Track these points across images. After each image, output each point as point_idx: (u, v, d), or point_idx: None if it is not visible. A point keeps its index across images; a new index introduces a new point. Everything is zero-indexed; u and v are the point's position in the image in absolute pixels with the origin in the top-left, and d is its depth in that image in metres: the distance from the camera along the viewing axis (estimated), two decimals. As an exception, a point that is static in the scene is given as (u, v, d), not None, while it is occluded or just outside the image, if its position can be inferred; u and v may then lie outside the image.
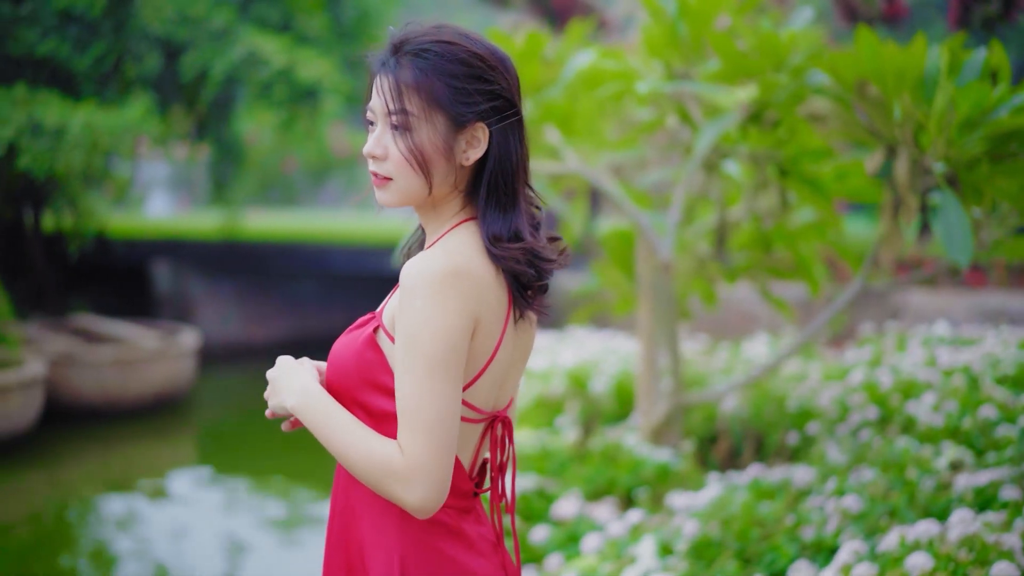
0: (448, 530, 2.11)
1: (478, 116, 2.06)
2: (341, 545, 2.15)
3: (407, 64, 2.05)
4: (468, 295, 2.00)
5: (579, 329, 8.98)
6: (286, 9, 12.97)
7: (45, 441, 9.99)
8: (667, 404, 5.60)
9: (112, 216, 14.97)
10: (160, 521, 8.15)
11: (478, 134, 2.08)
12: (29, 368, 9.72)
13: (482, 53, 2.08)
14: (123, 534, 7.81)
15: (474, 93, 2.05)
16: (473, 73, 2.06)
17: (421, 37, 2.07)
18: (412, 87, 2.04)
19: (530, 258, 2.09)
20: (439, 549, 2.10)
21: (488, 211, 2.09)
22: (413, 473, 1.94)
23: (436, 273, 1.97)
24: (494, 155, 2.09)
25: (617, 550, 4.39)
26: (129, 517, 8.27)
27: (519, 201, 2.12)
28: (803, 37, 4.86)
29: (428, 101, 2.04)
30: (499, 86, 2.09)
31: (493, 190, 2.10)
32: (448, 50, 2.05)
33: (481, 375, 2.08)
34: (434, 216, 2.16)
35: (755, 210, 5.57)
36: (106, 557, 7.30)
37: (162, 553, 7.33)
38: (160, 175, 24.35)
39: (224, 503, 8.68)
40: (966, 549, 3.33)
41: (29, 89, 10.19)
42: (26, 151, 9.67)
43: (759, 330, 9.37)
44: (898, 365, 5.97)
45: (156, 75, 11.80)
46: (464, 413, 2.09)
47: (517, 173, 2.12)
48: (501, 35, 5.50)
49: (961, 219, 3.89)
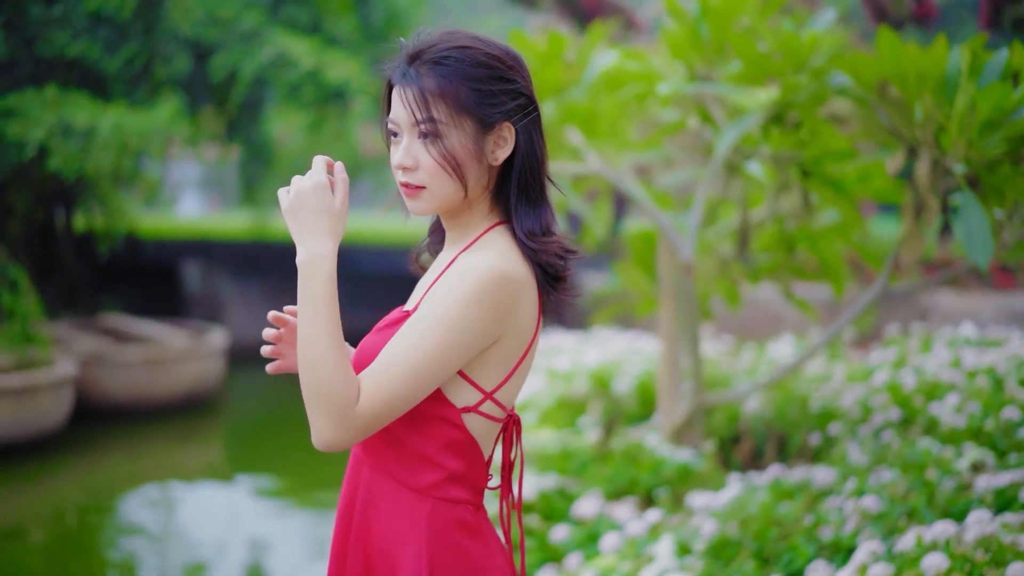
0: (470, 528, 2.15)
1: (504, 116, 2.11)
2: (360, 542, 2.18)
3: (428, 73, 2.07)
4: (506, 303, 2.05)
5: (604, 330, 8.99)
6: (315, 11, 13.03)
7: (75, 440, 10.07)
8: (688, 404, 5.61)
9: (143, 216, 15.09)
10: (186, 521, 8.21)
11: (505, 134, 2.12)
12: (60, 368, 9.81)
13: (499, 54, 2.12)
14: (151, 533, 7.87)
15: (498, 94, 2.10)
16: (495, 75, 2.10)
17: (437, 45, 2.10)
18: (437, 95, 2.07)
19: (561, 251, 2.15)
20: (464, 547, 2.13)
21: (520, 208, 2.14)
22: (357, 422, 1.97)
23: (487, 274, 2.02)
24: (521, 152, 2.14)
25: (636, 549, 4.40)
26: (157, 516, 8.34)
27: (547, 195, 2.18)
28: (825, 38, 4.86)
29: (455, 107, 2.07)
30: (519, 84, 2.14)
31: (524, 187, 2.15)
32: (467, 55, 2.08)
33: (514, 373, 2.14)
34: (463, 220, 2.19)
35: (778, 211, 5.57)
36: (134, 556, 7.36)
37: (187, 552, 7.38)
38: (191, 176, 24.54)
39: (250, 503, 8.72)
40: (982, 550, 3.33)
41: (60, 90, 10.27)
42: (56, 152, 9.74)
43: (785, 331, 9.35)
44: (922, 366, 5.94)
45: (186, 76, 11.87)
46: (493, 412, 2.14)
47: (542, 167, 2.17)
48: (522, 37, 5.52)
49: (981, 220, 3.88)
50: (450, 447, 2.11)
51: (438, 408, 2.09)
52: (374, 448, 2.16)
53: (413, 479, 2.12)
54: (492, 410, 2.13)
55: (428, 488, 2.12)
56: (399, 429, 2.11)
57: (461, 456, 2.13)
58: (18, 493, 8.66)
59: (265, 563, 7.25)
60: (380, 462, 2.15)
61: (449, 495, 2.12)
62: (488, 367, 2.10)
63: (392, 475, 2.14)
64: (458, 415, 2.10)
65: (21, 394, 9.26)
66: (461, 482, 2.14)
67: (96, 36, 10.93)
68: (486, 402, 2.11)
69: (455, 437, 2.11)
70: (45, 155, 10.10)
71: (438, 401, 2.09)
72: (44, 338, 9.89)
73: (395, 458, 2.13)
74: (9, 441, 9.31)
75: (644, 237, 6.57)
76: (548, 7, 15.23)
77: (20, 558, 7.21)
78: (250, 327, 15.67)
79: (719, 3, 4.84)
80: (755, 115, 4.62)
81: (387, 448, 2.14)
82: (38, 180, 11.62)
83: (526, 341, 2.13)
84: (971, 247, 3.85)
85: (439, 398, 2.09)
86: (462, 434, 2.11)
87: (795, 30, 4.60)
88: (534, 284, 2.13)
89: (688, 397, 5.67)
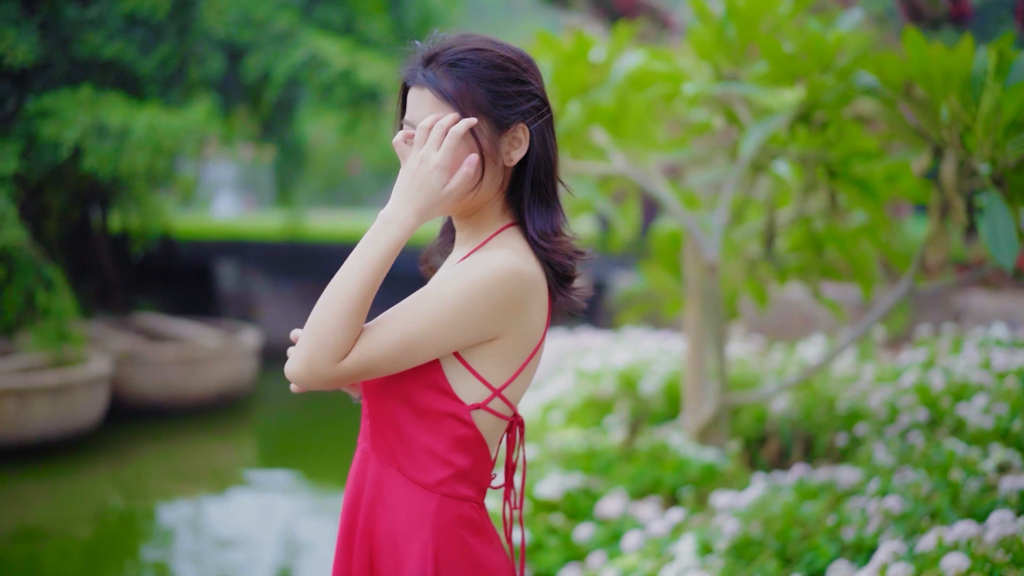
0: (475, 525, 2.18)
1: (519, 117, 2.13)
2: (367, 536, 2.20)
3: (444, 75, 2.11)
4: (514, 301, 2.08)
5: (635, 330, 8.99)
6: (348, 11, 13.08)
7: (109, 438, 10.17)
8: (713, 404, 5.61)
9: (179, 217, 15.18)
10: (219, 518, 8.27)
11: (519, 135, 2.15)
12: (94, 366, 9.91)
13: (513, 57, 2.15)
14: (184, 531, 7.94)
15: (513, 95, 2.13)
16: (510, 76, 2.13)
17: (452, 48, 2.13)
18: (456, 96, 2.10)
19: (571, 251, 2.18)
20: (469, 544, 2.16)
21: (533, 208, 2.18)
22: (334, 371, 2.02)
23: (502, 268, 2.06)
24: (535, 153, 2.17)
25: (658, 548, 4.41)
26: (190, 514, 8.40)
27: (558, 196, 2.22)
28: (851, 38, 4.86)
29: (472, 107, 2.10)
30: (533, 86, 2.17)
31: (537, 188, 2.18)
32: (483, 57, 2.11)
33: (521, 372, 2.16)
34: (476, 221, 2.23)
35: (806, 211, 5.56)
36: (168, 554, 7.42)
37: (221, 551, 7.43)
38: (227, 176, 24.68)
39: (283, 501, 8.78)
40: (1003, 550, 3.32)
41: (95, 91, 10.35)
42: (91, 152, 9.82)
43: (818, 332, 9.32)
44: (951, 367, 5.92)
45: (219, 77, 11.94)
46: (501, 410, 2.17)
47: (555, 169, 2.21)
48: (547, 37, 5.54)
49: (1006, 220, 3.87)
50: (459, 444, 2.14)
51: (448, 404, 2.12)
52: (382, 443, 2.19)
53: (421, 475, 2.14)
54: (500, 407, 2.16)
55: (436, 484, 2.14)
56: (408, 425, 2.14)
57: (468, 453, 2.15)
58: (54, 491, 8.75)
59: (298, 561, 7.29)
60: (388, 457, 2.17)
61: (456, 492, 2.15)
62: (496, 364, 2.12)
63: (400, 470, 2.16)
64: (467, 412, 2.13)
65: (57, 392, 9.37)
66: (467, 479, 2.16)
67: (131, 37, 11.02)
68: (495, 399, 2.14)
69: (464, 434, 2.14)
70: (80, 155, 10.19)
71: (448, 398, 2.11)
72: (78, 337, 9.98)
73: (404, 453, 2.16)
74: (45, 439, 9.42)
75: (670, 237, 6.57)
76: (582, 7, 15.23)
77: (56, 555, 7.29)
78: (283, 327, 15.75)
79: (745, 4, 4.84)
80: (780, 116, 4.62)
81: (396, 443, 2.16)
82: (73, 180, 11.71)
83: (535, 341, 2.15)
84: (995, 247, 3.83)
85: (449, 395, 2.11)
86: (471, 431, 2.14)
87: (821, 30, 4.59)
88: (545, 285, 2.15)
89: (713, 397, 5.67)
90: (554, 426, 6.63)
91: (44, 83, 10.61)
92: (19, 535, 7.60)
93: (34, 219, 11.69)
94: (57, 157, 10.08)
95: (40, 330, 9.71)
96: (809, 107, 4.70)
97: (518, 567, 2.40)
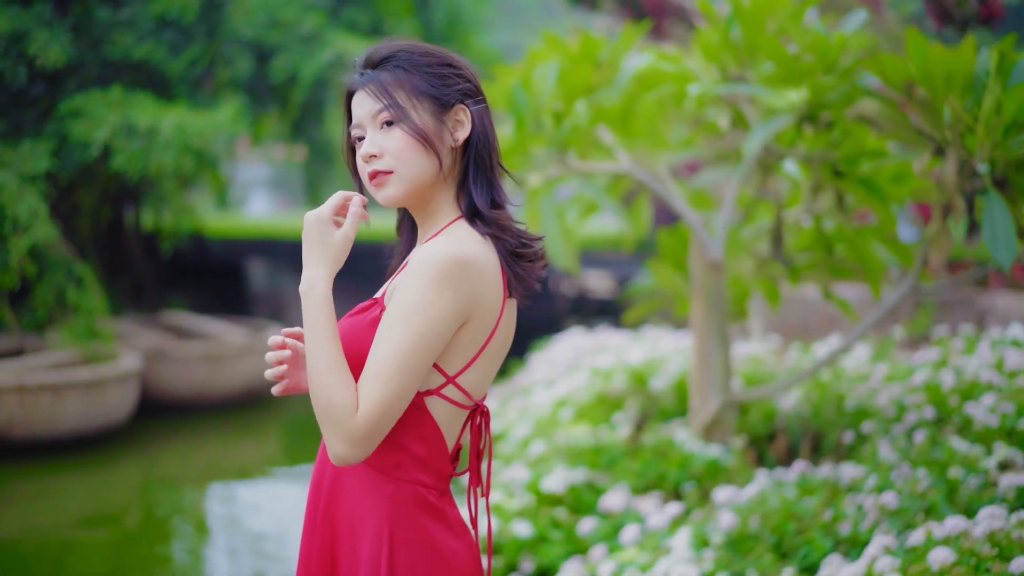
0: (432, 509, 2.23)
1: (459, 96, 2.26)
2: (327, 519, 2.26)
3: (382, 70, 2.25)
4: (468, 284, 2.14)
5: (653, 329, 9.02)
6: (376, 13, 13.17)
7: (139, 433, 10.29)
8: (717, 401, 5.65)
9: (211, 216, 15.29)
10: (247, 513, 8.35)
11: (461, 116, 2.27)
12: (125, 362, 10.04)
13: (439, 51, 2.30)
14: (213, 525, 8.03)
15: (449, 76, 2.26)
16: (442, 61, 2.27)
17: (382, 49, 2.28)
18: (394, 84, 2.23)
19: (509, 224, 2.26)
20: (424, 526, 2.21)
21: (476, 184, 2.27)
22: (358, 432, 2.06)
23: (443, 259, 2.12)
24: (477, 132, 2.28)
25: (655, 542, 4.46)
26: (218, 508, 8.50)
27: (498, 175, 2.31)
28: (855, 39, 4.89)
29: (412, 92, 2.23)
30: (466, 72, 2.30)
31: (479, 164, 2.28)
32: (413, 47, 2.27)
33: (475, 360, 2.21)
34: (431, 212, 2.30)
35: (814, 211, 5.59)
36: (197, 548, 7.52)
37: (250, 544, 7.50)
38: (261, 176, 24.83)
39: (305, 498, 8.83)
40: (990, 544, 3.35)
41: (125, 91, 10.48)
42: (120, 152, 9.94)
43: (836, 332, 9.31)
44: (963, 367, 5.92)
45: (247, 78, 12.05)
46: (457, 398, 2.22)
47: (494, 150, 2.32)
48: (553, 38, 5.60)
49: (1005, 220, 3.90)
50: (412, 431, 2.19)
51: None
52: None
53: (377, 459, 2.21)
54: (455, 395, 2.21)
55: (391, 469, 2.20)
56: None
57: (423, 441, 2.21)
58: (89, 484, 8.87)
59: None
60: None
61: (413, 478, 2.21)
62: (454, 351, 2.18)
63: None
64: (420, 397, 2.19)
65: (90, 387, 9.50)
66: (424, 466, 2.22)
67: (161, 39, 11.14)
68: (448, 386, 2.19)
69: (417, 420, 2.19)
70: (109, 155, 10.32)
71: None
72: (108, 333, 10.12)
73: None
74: (79, 433, 9.58)
75: (676, 236, 6.60)
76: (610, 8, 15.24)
77: (90, 548, 7.40)
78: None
79: (750, 5, 4.88)
80: (784, 116, 4.66)
81: None
82: (103, 179, 11.86)
83: (490, 324, 2.21)
84: (994, 247, 3.87)
85: None
86: (425, 417, 2.19)
87: (824, 32, 4.63)
88: (496, 265, 2.22)
89: (718, 394, 5.71)
90: (564, 422, 6.67)
91: (76, 84, 10.75)
92: (50, 527, 7.72)
93: (66, 217, 11.84)
94: (87, 156, 10.21)
95: (70, 326, 9.85)
96: (814, 107, 4.74)
97: (485, 556, 2.45)
